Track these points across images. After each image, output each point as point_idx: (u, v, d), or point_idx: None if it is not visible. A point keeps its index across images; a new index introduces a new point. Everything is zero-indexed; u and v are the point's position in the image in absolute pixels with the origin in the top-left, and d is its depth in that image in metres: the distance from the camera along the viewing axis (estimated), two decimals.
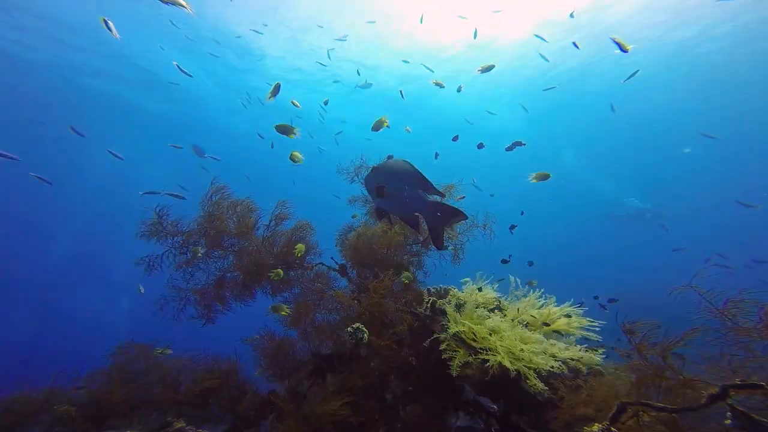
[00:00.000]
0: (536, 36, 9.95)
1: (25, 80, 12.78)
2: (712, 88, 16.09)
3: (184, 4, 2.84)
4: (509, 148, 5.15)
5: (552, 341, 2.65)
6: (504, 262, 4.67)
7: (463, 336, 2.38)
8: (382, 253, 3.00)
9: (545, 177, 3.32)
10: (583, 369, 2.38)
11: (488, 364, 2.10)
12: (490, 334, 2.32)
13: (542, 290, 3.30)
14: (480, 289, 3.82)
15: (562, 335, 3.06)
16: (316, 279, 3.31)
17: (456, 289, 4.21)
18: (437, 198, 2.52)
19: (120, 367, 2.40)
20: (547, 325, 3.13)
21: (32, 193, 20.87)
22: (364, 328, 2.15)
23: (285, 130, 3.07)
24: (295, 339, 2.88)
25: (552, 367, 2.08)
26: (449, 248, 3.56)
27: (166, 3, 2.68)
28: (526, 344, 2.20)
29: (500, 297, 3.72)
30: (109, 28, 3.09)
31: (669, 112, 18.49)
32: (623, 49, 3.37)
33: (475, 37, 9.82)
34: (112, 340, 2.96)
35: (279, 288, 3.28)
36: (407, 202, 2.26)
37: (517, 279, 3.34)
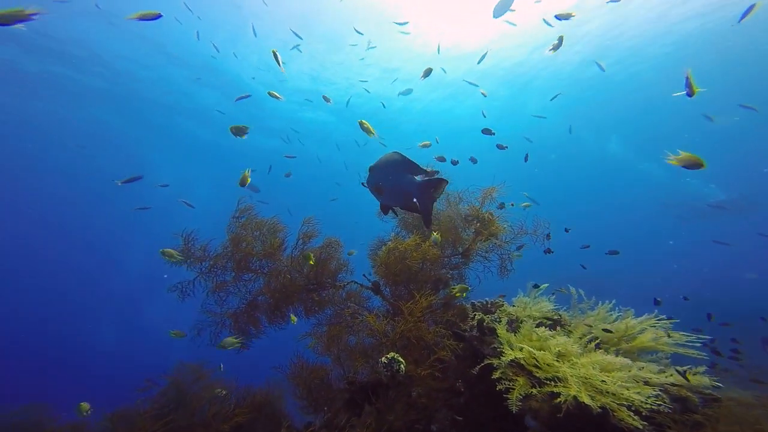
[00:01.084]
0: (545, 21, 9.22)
1: (81, 108, 14.49)
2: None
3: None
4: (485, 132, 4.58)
5: (640, 363, 2.12)
6: (548, 252, 4.02)
7: (522, 362, 1.98)
8: (416, 268, 2.70)
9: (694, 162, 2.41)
10: (694, 398, 1.82)
11: (560, 399, 1.68)
12: (558, 360, 1.89)
13: (613, 301, 2.74)
14: (532, 302, 3.33)
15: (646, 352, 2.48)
16: (348, 299, 3.10)
17: (506, 303, 3.74)
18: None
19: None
20: (627, 341, 2.57)
21: (106, 221, 23.87)
22: (399, 358, 1.85)
23: (237, 130, 3.35)
24: (329, 366, 2.65)
25: (651, 401, 1.60)
26: (486, 257, 3.15)
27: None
28: (608, 372, 1.73)
29: (559, 309, 3.19)
30: (278, 62, 3.44)
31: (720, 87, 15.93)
32: (689, 93, 2.83)
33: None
34: (177, 352, 3.01)
35: (312, 309, 3.12)
36: (402, 189, 2.30)
37: (580, 290, 2.82)
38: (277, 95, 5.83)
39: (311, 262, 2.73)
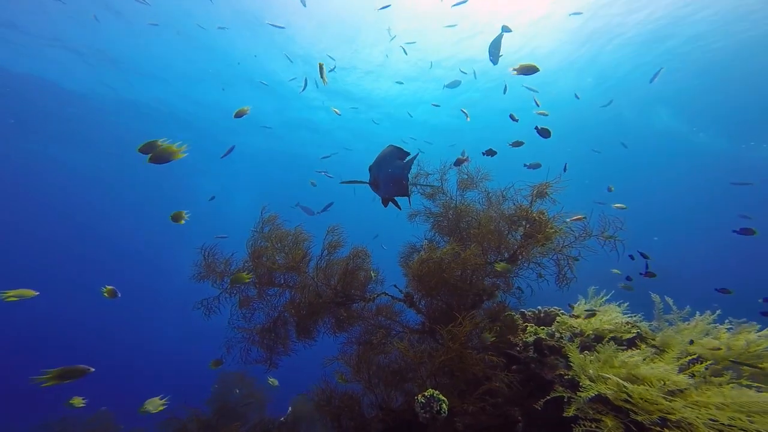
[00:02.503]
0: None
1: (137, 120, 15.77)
2: None
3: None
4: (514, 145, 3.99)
5: None
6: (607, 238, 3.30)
7: (607, 396, 1.52)
8: (455, 278, 2.32)
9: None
10: None
11: None
12: (666, 395, 1.41)
13: (717, 311, 2.14)
14: (598, 311, 2.77)
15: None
16: (378, 313, 2.79)
17: (563, 313, 3.19)
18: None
19: None
20: (738, 362, 1.96)
21: (153, 233, 25.95)
22: (440, 396, 1.50)
23: (239, 113, 3.73)
24: (359, 392, 2.35)
25: None
26: (531, 261, 2.66)
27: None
28: (754, 416, 1.23)
29: (634, 320, 2.61)
30: (321, 75, 3.62)
31: None
32: None
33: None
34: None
35: (340, 325, 2.85)
36: (393, 176, 2.28)
37: (668, 298, 2.25)
38: (337, 111, 6.14)
39: (247, 279, 2.52)
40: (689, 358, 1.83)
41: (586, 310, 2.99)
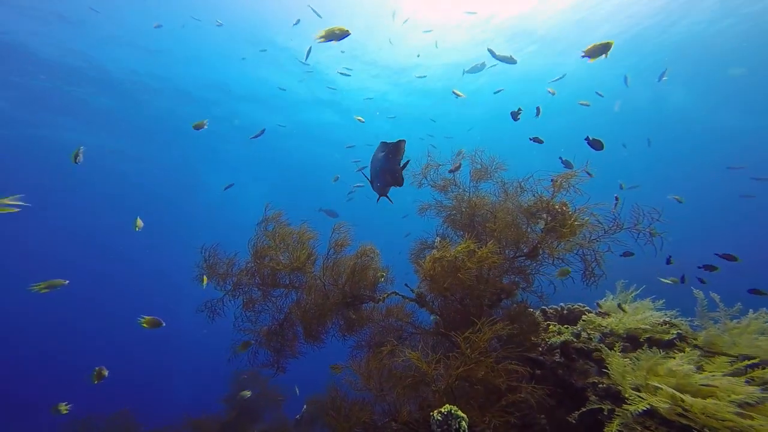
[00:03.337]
0: None
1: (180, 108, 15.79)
2: None
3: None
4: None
5: None
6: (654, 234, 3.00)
7: (659, 410, 1.31)
8: (472, 282, 2.12)
9: None
10: None
11: None
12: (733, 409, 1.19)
13: None
14: (629, 309, 2.52)
15: None
16: (389, 315, 2.62)
17: (589, 310, 2.95)
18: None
19: None
20: None
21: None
22: (458, 412, 1.33)
23: (198, 126, 3.97)
24: (370, 401, 2.19)
25: None
26: (554, 257, 2.43)
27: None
28: None
29: (669, 316, 2.35)
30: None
31: None
32: None
33: None
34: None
35: (349, 328, 2.70)
36: (381, 167, 2.33)
37: (714, 294, 1.99)
38: (361, 119, 6.16)
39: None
40: (746, 363, 1.59)
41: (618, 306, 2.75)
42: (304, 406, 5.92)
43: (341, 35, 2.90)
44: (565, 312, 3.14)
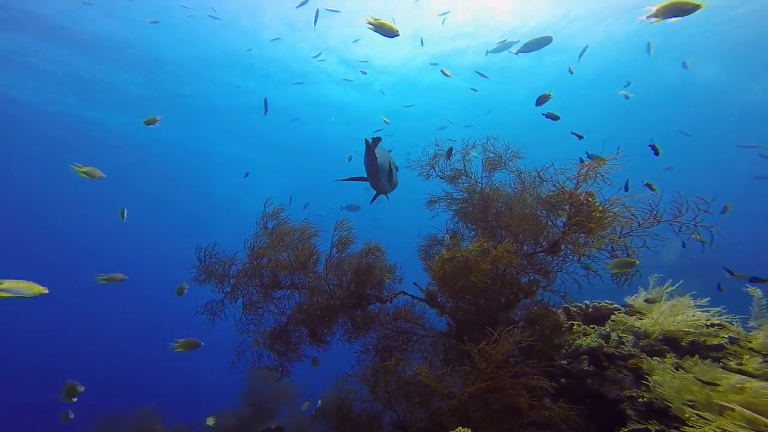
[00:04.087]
0: None
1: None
2: None
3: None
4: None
5: None
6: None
7: None
8: (486, 284, 1.90)
9: None
10: None
11: None
12: None
13: None
14: (666, 306, 2.24)
15: None
16: (396, 317, 2.45)
17: (618, 308, 2.68)
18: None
19: None
20: None
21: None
22: None
23: (150, 121, 3.87)
24: (378, 410, 2.04)
25: None
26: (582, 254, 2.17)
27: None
28: None
29: (715, 315, 2.07)
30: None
31: None
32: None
33: None
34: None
35: (355, 332, 2.55)
36: (367, 170, 2.28)
37: None
38: (386, 120, 6.13)
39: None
40: None
41: (645, 300, 2.47)
42: (319, 401, 5.88)
43: (391, 33, 2.78)
44: (590, 310, 2.87)
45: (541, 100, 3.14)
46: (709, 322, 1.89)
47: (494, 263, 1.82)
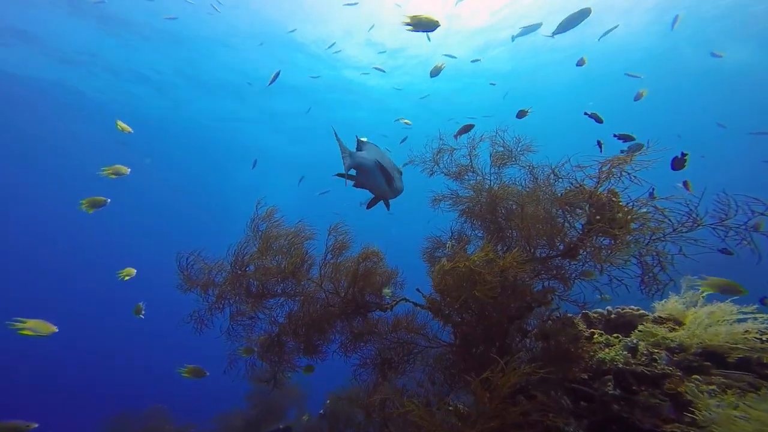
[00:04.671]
0: None
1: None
2: None
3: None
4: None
5: None
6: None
7: None
8: (492, 291, 1.67)
9: None
10: None
11: None
12: None
13: None
14: (705, 315, 1.97)
15: None
16: (396, 327, 2.25)
17: (646, 315, 2.40)
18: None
19: None
20: None
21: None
22: None
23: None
24: None
25: None
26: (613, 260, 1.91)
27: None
28: None
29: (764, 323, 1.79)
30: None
31: None
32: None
33: None
34: None
35: (352, 345, 2.36)
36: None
37: None
38: (407, 121, 6.07)
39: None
40: None
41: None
42: (327, 401, 5.80)
43: (432, 26, 2.60)
44: (613, 316, 2.60)
45: (521, 115, 3.02)
46: (765, 337, 1.62)
47: (502, 273, 1.59)
